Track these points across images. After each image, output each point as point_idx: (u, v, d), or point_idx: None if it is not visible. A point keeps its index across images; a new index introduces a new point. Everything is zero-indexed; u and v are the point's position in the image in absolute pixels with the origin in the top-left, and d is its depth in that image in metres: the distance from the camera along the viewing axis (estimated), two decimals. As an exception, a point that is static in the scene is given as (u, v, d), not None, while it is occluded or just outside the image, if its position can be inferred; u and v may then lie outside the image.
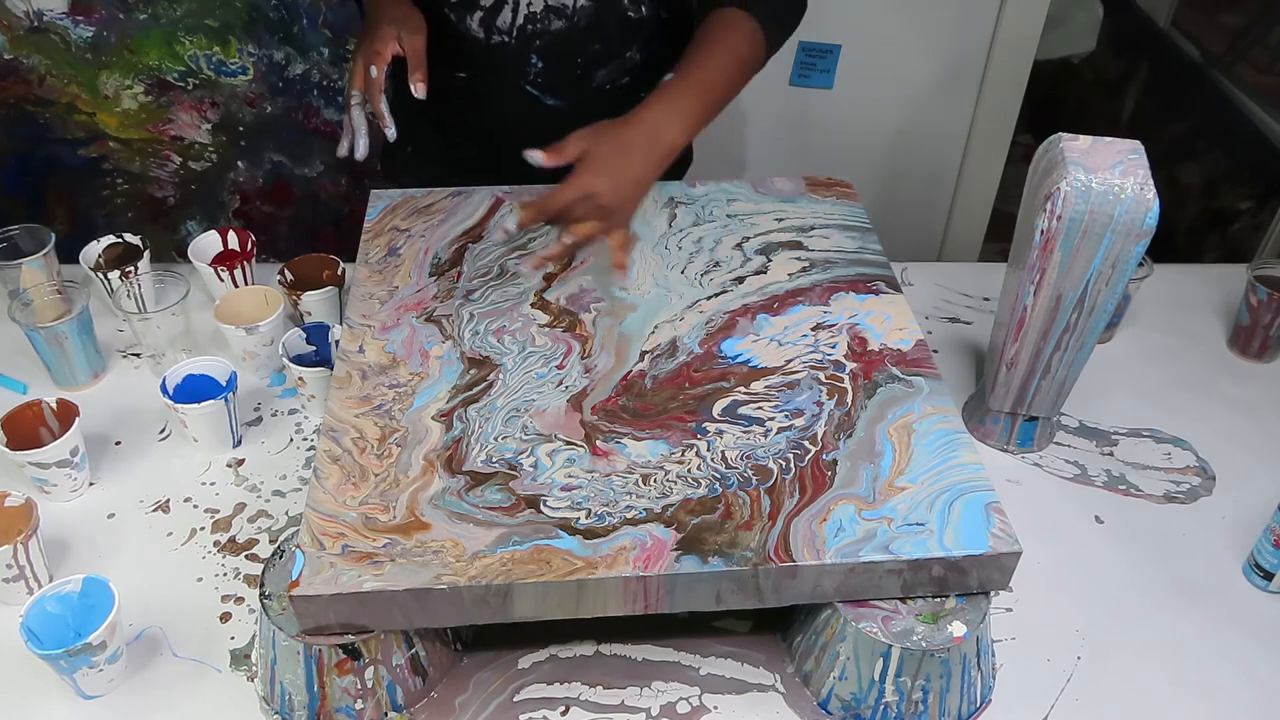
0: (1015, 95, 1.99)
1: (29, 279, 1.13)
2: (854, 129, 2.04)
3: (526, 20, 1.12)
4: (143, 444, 1.05)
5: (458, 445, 0.84)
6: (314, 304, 1.13)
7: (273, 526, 0.96)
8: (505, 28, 1.13)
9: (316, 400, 1.06)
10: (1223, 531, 0.99)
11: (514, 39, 1.14)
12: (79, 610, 0.83)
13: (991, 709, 0.83)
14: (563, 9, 1.12)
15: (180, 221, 2.02)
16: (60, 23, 1.76)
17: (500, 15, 1.12)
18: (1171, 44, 2.24)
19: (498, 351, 0.94)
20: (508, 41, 1.14)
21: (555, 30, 1.13)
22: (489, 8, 1.12)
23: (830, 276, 1.04)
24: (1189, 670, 0.87)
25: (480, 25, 1.13)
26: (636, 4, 1.15)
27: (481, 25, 1.13)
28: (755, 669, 0.85)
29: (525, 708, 0.82)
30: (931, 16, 1.90)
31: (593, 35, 1.15)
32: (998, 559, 0.77)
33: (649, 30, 1.18)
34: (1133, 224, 0.89)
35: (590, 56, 1.16)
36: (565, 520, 0.78)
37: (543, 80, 1.17)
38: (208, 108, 1.88)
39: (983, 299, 1.27)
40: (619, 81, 1.19)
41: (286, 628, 0.77)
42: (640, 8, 1.15)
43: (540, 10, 1.12)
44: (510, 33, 1.13)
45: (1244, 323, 1.19)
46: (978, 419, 1.08)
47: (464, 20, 1.13)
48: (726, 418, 0.87)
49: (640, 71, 1.17)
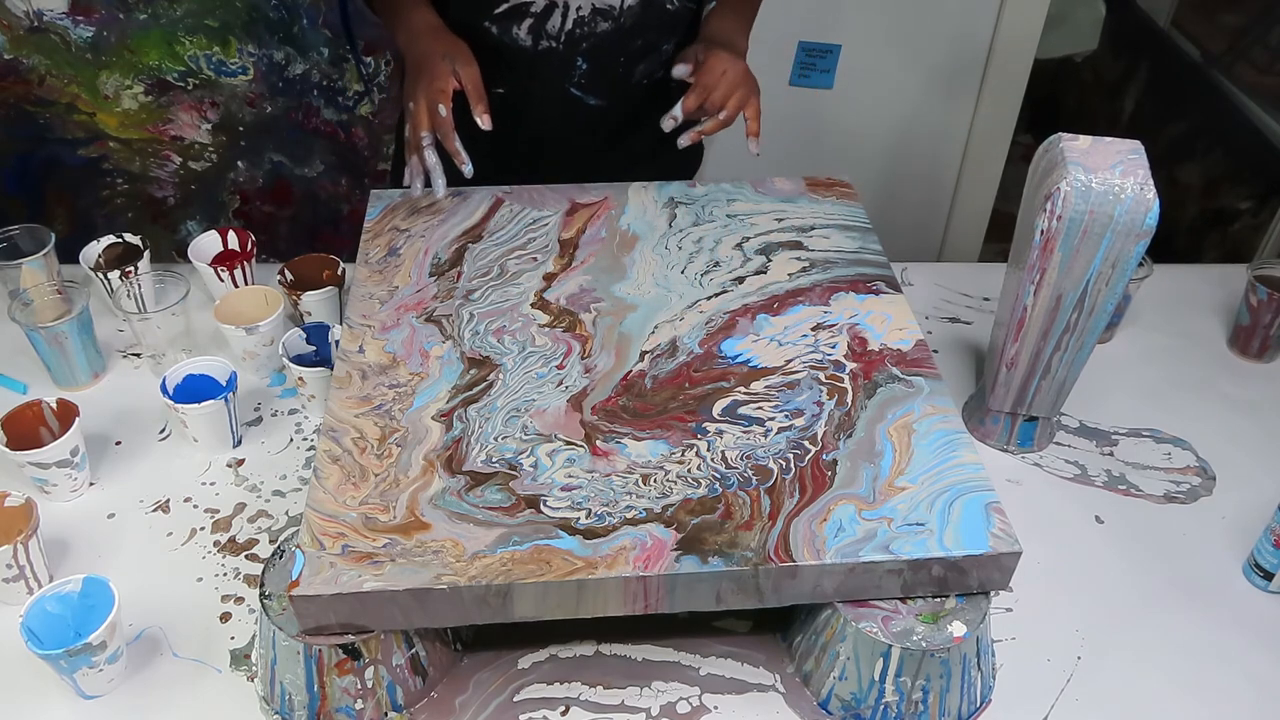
0: (1015, 95, 1.99)
1: (29, 279, 1.13)
2: (854, 129, 2.04)
3: (575, 25, 1.13)
4: (143, 444, 1.05)
5: (458, 445, 0.84)
6: (314, 304, 1.13)
7: (273, 526, 0.96)
8: (554, 33, 1.14)
9: (316, 400, 1.06)
10: (1223, 531, 0.99)
11: (561, 44, 1.15)
12: (79, 610, 0.83)
13: (991, 709, 0.83)
14: (610, 10, 1.13)
15: (180, 221, 2.02)
16: (60, 23, 1.76)
17: (549, 21, 1.13)
18: (1171, 44, 2.24)
19: (498, 351, 0.94)
20: (555, 47, 1.15)
21: (601, 32, 1.15)
22: (539, 14, 1.13)
23: (830, 276, 1.04)
24: (1189, 670, 0.87)
25: (529, 33, 1.14)
26: None
27: (530, 33, 1.14)
28: (755, 669, 0.85)
29: (525, 708, 0.82)
30: (931, 16, 1.90)
31: (635, 33, 1.16)
32: (998, 559, 0.77)
33: (685, 22, 1.20)
34: (1133, 224, 0.89)
35: (632, 54, 1.18)
36: (565, 520, 0.78)
37: (586, 81, 1.18)
38: (208, 108, 1.88)
39: (983, 299, 1.27)
40: (655, 75, 1.20)
41: (286, 628, 0.77)
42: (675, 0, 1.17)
43: (588, 14, 1.13)
44: (559, 38, 1.14)
45: (1244, 323, 1.19)
46: (978, 419, 1.08)
47: (509, 31, 1.14)
48: (726, 418, 0.87)
49: (671, 63, 1.18)
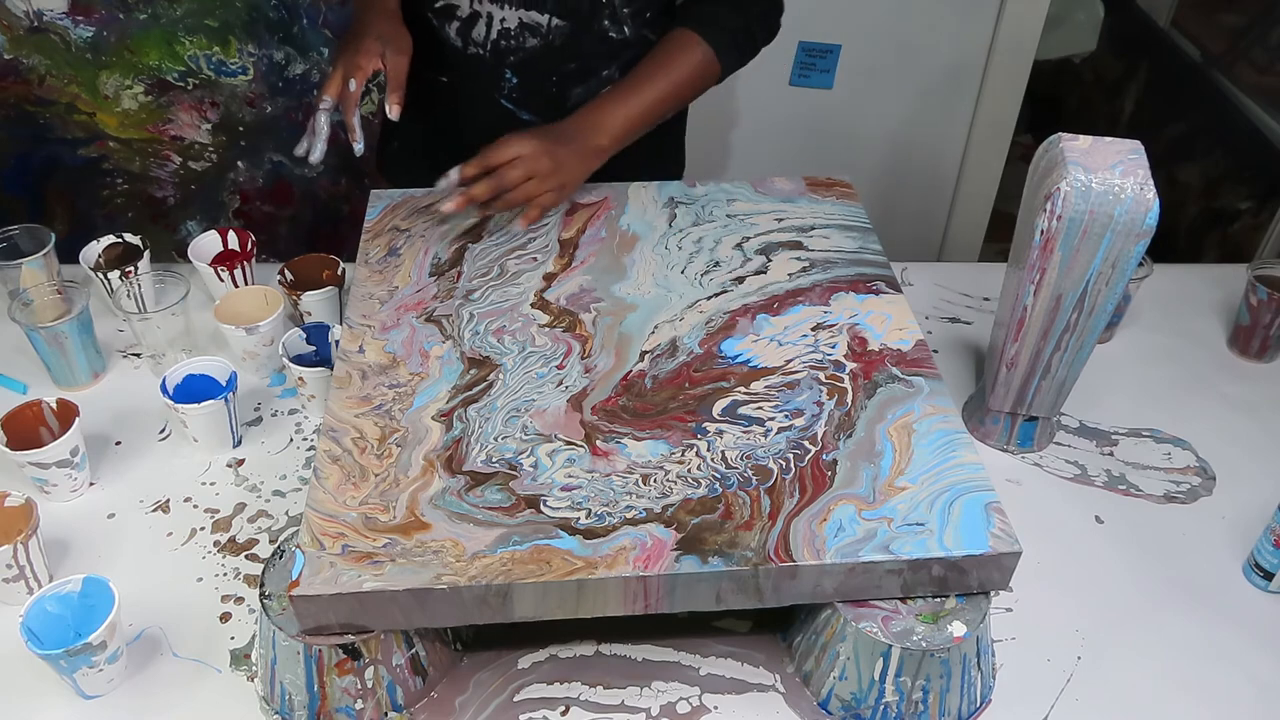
0: (1015, 95, 1.99)
1: (29, 279, 1.13)
2: (854, 129, 2.04)
3: (500, 36, 1.12)
4: (143, 444, 1.05)
5: (458, 445, 0.84)
6: (314, 304, 1.13)
7: (273, 526, 0.96)
8: (480, 40, 1.13)
9: (316, 400, 1.06)
10: (1223, 531, 0.99)
11: (488, 53, 1.14)
12: (79, 610, 0.83)
13: (991, 709, 0.83)
14: (537, 27, 1.12)
15: (180, 221, 2.02)
16: (60, 23, 1.76)
17: (475, 28, 1.13)
18: (1171, 44, 2.24)
19: (498, 351, 0.94)
20: (483, 55, 1.14)
21: (529, 48, 1.14)
22: (465, 19, 1.12)
23: (830, 276, 1.04)
24: (1189, 670, 0.87)
25: (458, 35, 1.14)
26: (619, 25, 1.15)
27: (459, 35, 1.14)
28: (755, 669, 0.85)
29: (525, 708, 0.82)
30: (931, 16, 1.90)
31: (567, 54, 1.15)
32: (998, 559, 0.77)
33: (632, 52, 1.17)
34: (1133, 224, 0.89)
35: (565, 75, 1.16)
36: (565, 520, 0.78)
37: (517, 95, 1.17)
38: (208, 108, 1.89)
39: (983, 299, 1.27)
40: None
41: (286, 628, 0.77)
42: (623, 28, 1.15)
43: (514, 27, 1.12)
44: (485, 46, 1.14)
45: (1244, 323, 1.19)
46: (978, 419, 1.08)
47: (444, 27, 1.14)
48: (726, 418, 0.87)
49: None
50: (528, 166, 1.03)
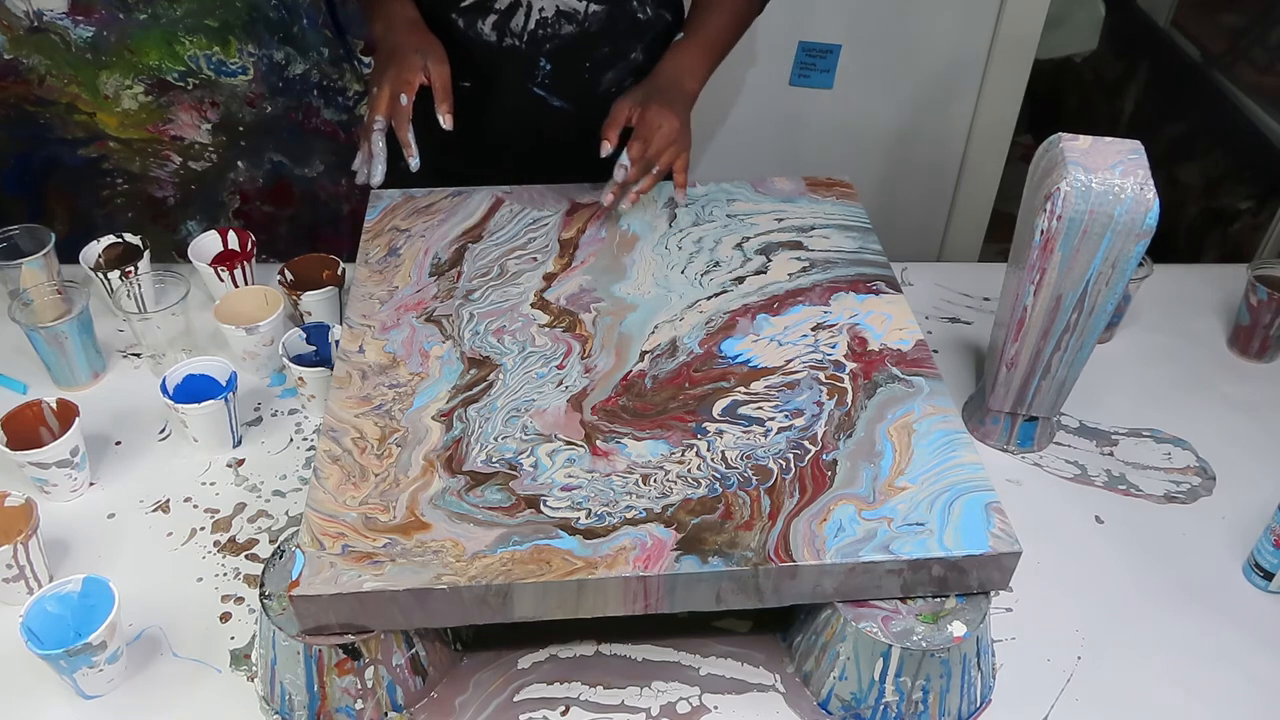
0: (1015, 95, 1.99)
1: (29, 279, 1.13)
2: (854, 129, 2.04)
3: (538, 25, 1.14)
4: (143, 444, 1.05)
5: (458, 445, 0.84)
6: (314, 304, 1.13)
7: (273, 526, 0.96)
8: (518, 31, 1.14)
9: (316, 400, 1.06)
10: (1223, 531, 0.99)
11: (524, 43, 1.15)
12: (79, 610, 0.83)
13: (991, 709, 0.83)
14: (574, 14, 1.14)
15: (180, 221, 2.02)
16: (60, 23, 1.76)
17: (513, 19, 1.14)
18: (1171, 44, 2.24)
19: (498, 351, 0.94)
20: (519, 45, 1.15)
21: (565, 34, 1.15)
22: (504, 11, 1.13)
23: (830, 276, 1.04)
24: (1189, 670, 0.87)
25: (493, 29, 1.14)
26: (644, 5, 1.18)
27: (494, 29, 1.14)
28: (755, 669, 0.85)
29: (525, 708, 0.82)
30: (931, 16, 1.90)
31: (602, 39, 1.17)
32: (998, 559, 0.77)
33: (655, 32, 1.20)
34: (1133, 224, 0.89)
35: (598, 59, 1.18)
36: (565, 520, 0.78)
37: (549, 82, 1.18)
38: (208, 108, 1.88)
39: (983, 299, 1.27)
40: (624, 83, 1.20)
41: (286, 628, 0.77)
42: (647, 8, 1.18)
43: (551, 15, 1.14)
44: (521, 36, 1.15)
45: (1244, 323, 1.19)
46: (978, 419, 1.08)
47: (474, 25, 1.14)
48: (726, 418, 0.87)
49: (642, 74, 1.18)
50: (665, 134, 1.05)
